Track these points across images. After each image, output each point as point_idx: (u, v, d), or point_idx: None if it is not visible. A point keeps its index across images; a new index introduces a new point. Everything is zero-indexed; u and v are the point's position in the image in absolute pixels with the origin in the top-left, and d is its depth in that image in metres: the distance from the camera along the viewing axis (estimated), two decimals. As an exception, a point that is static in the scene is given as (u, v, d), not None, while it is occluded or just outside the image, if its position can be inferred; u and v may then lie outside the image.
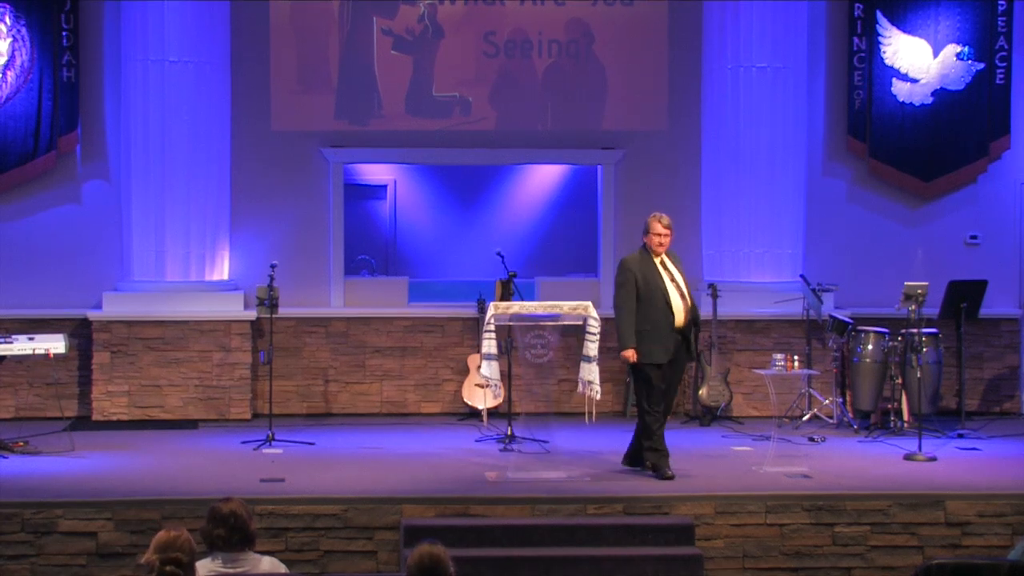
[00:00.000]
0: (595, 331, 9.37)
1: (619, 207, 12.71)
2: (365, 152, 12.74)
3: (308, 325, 12.20)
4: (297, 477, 9.26)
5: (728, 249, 12.34)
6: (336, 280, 12.52)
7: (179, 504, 8.44)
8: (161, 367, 11.73)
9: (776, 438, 10.21)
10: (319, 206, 12.52)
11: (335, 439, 10.95)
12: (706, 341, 11.86)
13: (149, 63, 11.82)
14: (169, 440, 10.90)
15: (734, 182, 12.27)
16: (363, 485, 9.00)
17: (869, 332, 11.46)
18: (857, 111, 12.62)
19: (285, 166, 12.47)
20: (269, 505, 8.44)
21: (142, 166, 11.86)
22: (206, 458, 10.11)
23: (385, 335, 12.26)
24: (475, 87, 12.66)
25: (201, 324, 11.76)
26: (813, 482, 9.13)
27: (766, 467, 9.54)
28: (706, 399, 11.75)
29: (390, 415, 12.20)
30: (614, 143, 12.72)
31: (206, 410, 11.77)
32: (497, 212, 14.72)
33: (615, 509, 8.57)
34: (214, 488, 8.66)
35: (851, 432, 11.18)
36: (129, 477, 9.29)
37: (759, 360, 11.79)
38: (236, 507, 5.68)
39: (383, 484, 9.04)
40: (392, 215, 14.77)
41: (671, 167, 12.71)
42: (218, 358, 11.78)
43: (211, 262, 12.02)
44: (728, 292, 11.96)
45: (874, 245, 12.75)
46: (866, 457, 10.15)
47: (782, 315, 12.05)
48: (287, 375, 12.10)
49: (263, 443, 10.50)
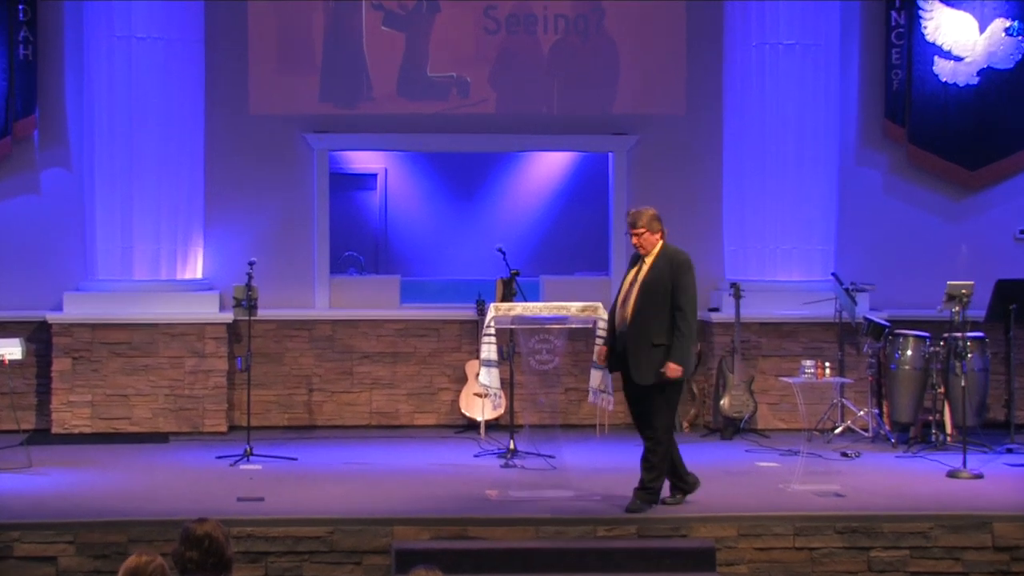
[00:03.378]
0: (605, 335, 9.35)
1: (632, 198, 12.68)
2: (353, 138, 12.74)
3: (290, 328, 12.20)
4: (278, 496, 9.25)
5: (752, 245, 12.34)
6: (321, 279, 12.52)
7: (148, 526, 8.42)
8: (128, 375, 11.73)
9: (805, 453, 10.20)
10: (302, 198, 12.52)
11: (320, 454, 10.95)
12: (728, 346, 11.86)
13: (114, 40, 11.82)
14: (137, 455, 10.89)
15: (759, 171, 12.27)
16: (350, 504, 9.00)
17: (908, 336, 11.45)
18: (895, 93, 12.61)
19: (265, 154, 12.46)
20: (247, 527, 8.44)
21: (107, 153, 11.86)
22: (178, 475, 10.10)
23: (375, 339, 12.26)
24: (474, 67, 12.66)
25: (172, 327, 11.76)
26: (846, 501, 9.13)
27: (794, 485, 9.53)
28: (728, 410, 11.75)
29: (380, 427, 12.20)
30: (626, 128, 12.71)
31: (178, 422, 11.77)
32: (498, 204, 14.72)
33: (628, 531, 8.56)
34: (186, 508, 8.62)
35: (888, 447, 11.18)
36: (93, 496, 9.28)
37: (786, 367, 11.78)
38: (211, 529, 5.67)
39: (372, 503, 9.03)
40: (383, 207, 14.77)
41: (689, 155, 12.71)
42: (191, 365, 11.78)
43: (183, 259, 12.03)
44: (752, 292, 11.95)
45: (914, 240, 12.74)
46: (905, 474, 10.14)
47: (812, 317, 12.05)
48: (267, 384, 12.10)
49: (240, 458, 10.50)
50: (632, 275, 8.89)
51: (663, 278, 8.75)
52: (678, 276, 8.76)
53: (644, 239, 8.85)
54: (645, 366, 8.70)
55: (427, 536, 8.48)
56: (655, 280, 8.75)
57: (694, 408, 12.29)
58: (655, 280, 8.75)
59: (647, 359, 8.68)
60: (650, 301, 8.72)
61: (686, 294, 8.74)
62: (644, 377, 8.70)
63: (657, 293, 8.73)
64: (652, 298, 8.73)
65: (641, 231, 8.84)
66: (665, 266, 8.78)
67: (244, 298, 10.76)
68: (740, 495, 9.35)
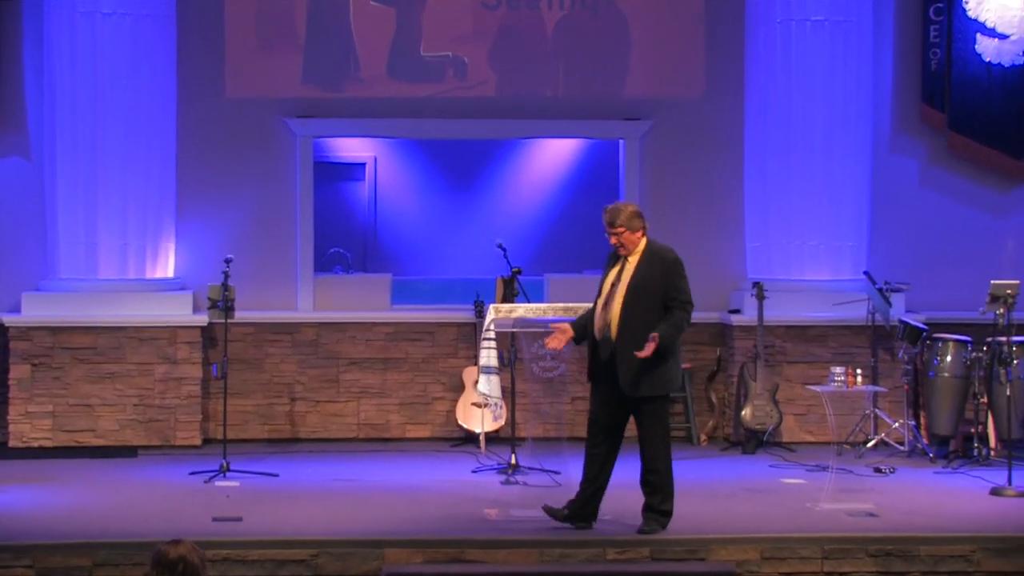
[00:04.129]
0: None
1: (645, 190, 12.70)
2: (339, 124, 12.75)
3: (270, 332, 12.21)
4: (257, 515, 9.24)
5: (777, 241, 12.34)
6: (304, 278, 12.53)
7: (115, 548, 8.41)
8: (92, 383, 11.73)
9: (835, 468, 10.19)
10: (284, 189, 12.52)
11: (303, 469, 10.96)
12: (750, 352, 11.87)
13: (77, 16, 11.82)
14: (102, 471, 10.90)
15: (784, 160, 12.27)
16: (337, 525, 9.00)
17: (948, 341, 11.45)
18: (933, 74, 12.61)
19: (242, 140, 12.47)
20: (224, 549, 8.44)
21: (69, 141, 11.86)
22: (147, 492, 10.10)
23: (363, 344, 12.26)
24: (472, 45, 12.66)
25: (141, 331, 11.77)
26: (880, 522, 9.12)
27: (823, 503, 9.53)
28: (750, 421, 11.75)
29: (369, 440, 12.20)
30: (639, 113, 12.71)
31: (147, 435, 11.77)
32: (498, 196, 14.72)
33: (641, 554, 8.56)
34: (157, 529, 8.64)
35: (926, 462, 11.18)
36: (54, 516, 9.27)
37: (814, 374, 11.79)
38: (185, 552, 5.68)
39: (361, 524, 9.03)
40: (372, 199, 14.77)
41: (707, 142, 12.71)
42: (162, 372, 11.79)
43: (153, 256, 12.03)
44: (777, 293, 11.95)
45: (953, 236, 12.75)
46: (944, 492, 10.15)
47: (842, 320, 12.05)
48: (245, 392, 12.10)
49: (216, 474, 10.50)
50: (613, 276, 8.78)
51: (653, 279, 8.66)
52: (671, 277, 8.69)
53: (625, 238, 8.74)
54: (637, 375, 8.63)
55: (420, 559, 8.46)
56: (644, 281, 8.67)
57: (713, 419, 12.29)
58: (644, 281, 8.67)
59: (640, 367, 8.60)
60: (640, 304, 8.63)
61: (684, 294, 8.70)
62: (636, 388, 8.64)
63: (647, 295, 8.65)
64: (642, 301, 8.64)
65: (620, 230, 8.72)
66: (654, 266, 8.70)
67: (220, 299, 10.76)
68: (763, 514, 9.34)
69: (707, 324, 12.40)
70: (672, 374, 8.77)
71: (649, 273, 8.68)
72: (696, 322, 12.23)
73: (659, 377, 8.67)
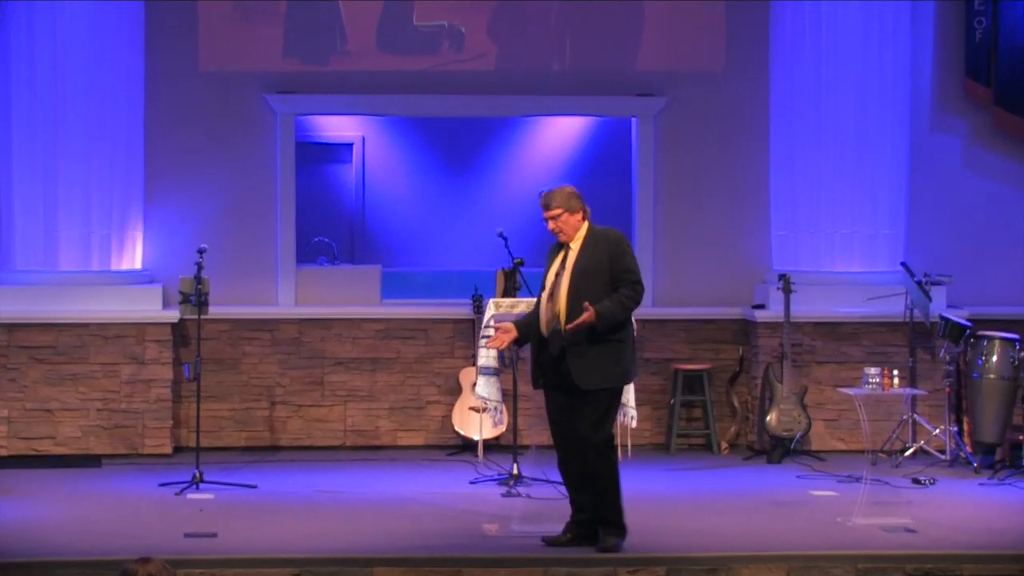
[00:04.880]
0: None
1: (660, 173, 12.70)
2: (323, 100, 12.76)
3: (248, 329, 12.21)
4: (234, 531, 9.24)
5: (805, 229, 12.34)
6: (286, 270, 12.54)
7: (77, 567, 8.38)
8: (52, 385, 11.73)
9: (869, 479, 10.20)
10: (263, 172, 12.52)
11: (284, 480, 10.97)
12: (776, 351, 11.86)
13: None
14: (64, 482, 10.90)
15: (813, 141, 12.27)
16: (321, 541, 9.00)
17: (994, 339, 11.45)
18: (978, 45, 12.61)
19: (218, 119, 12.47)
20: (197, 568, 8.43)
21: (26, 120, 11.87)
22: (113, 506, 10.10)
23: (350, 343, 12.26)
24: (469, 15, 12.67)
25: (106, 328, 11.77)
26: (919, 538, 9.12)
27: (856, 518, 9.53)
28: (776, 427, 11.75)
29: (357, 449, 12.21)
30: (653, 88, 12.71)
31: (112, 443, 11.77)
32: (499, 180, 14.72)
33: (655, 573, 8.55)
34: (124, 546, 8.63)
35: (970, 472, 11.18)
36: (9, 531, 9.24)
37: (846, 376, 11.79)
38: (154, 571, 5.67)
39: (348, 540, 9.02)
40: (360, 183, 14.77)
41: (729, 120, 12.71)
42: (128, 373, 11.79)
43: (119, 246, 12.03)
44: (805, 286, 11.96)
45: (1000, 223, 12.76)
46: (990, 505, 10.15)
47: (877, 316, 12.06)
48: (220, 396, 12.11)
49: (188, 486, 10.50)
50: (557, 265, 8.78)
51: (598, 261, 8.65)
52: (618, 256, 8.67)
53: (563, 222, 8.71)
54: (588, 366, 8.60)
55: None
56: (589, 264, 8.66)
57: (735, 425, 12.29)
58: (589, 264, 8.66)
59: (590, 361, 8.59)
60: (587, 290, 8.60)
61: (633, 273, 8.65)
62: (588, 380, 8.59)
63: (595, 278, 8.63)
64: (590, 284, 8.62)
65: (558, 212, 8.70)
66: (598, 247, 8.68)
67: (192, 293, 10.76)
68: (791, 530, 9.34)
69: (729, 321, 12.41)
70: (627, 365, 8.76)
71: (594, 255, 8.69)
72: (717, 319, 12.39)
73: (613, 368, 8.67)
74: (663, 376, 12.32)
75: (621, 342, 8.68)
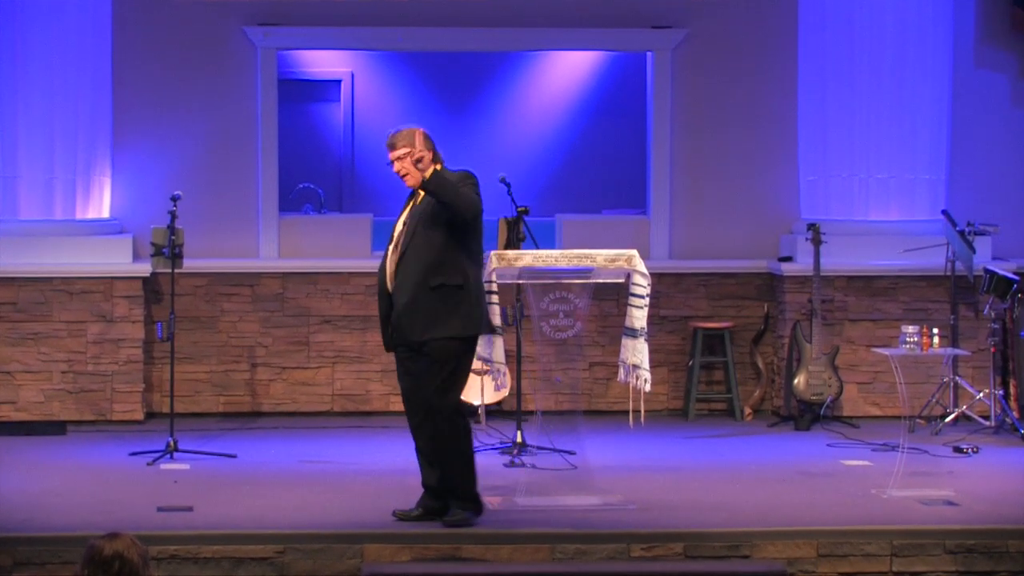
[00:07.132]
0: (643, 293, 9.34)
1: (678, 113, 12.67)
2: (309, 33, 12.72)
3: (227, 284, 12.21)
4: (211, 504, 9.26)
5: (836, 174, 12.33)
6: (267, 219, 12.53)
7: (40, 544, 8.42)
8: (12, 346, 11.74)
9: (907, 448, 10.21)
10: (242, 112, 12.51)
11: (266, 449, 10.99)
12: (805, 308, 11.85)
13: (-9, -97, 11.79)
14: (25, 451, 10.92)
15: (846, 77, 12.26)
16: (307, 516, 9.01)
17: (1043, 294, 11.46)
18: (1027, -29, 12.58)
19: (192, 53, 12.45)
20: (171, 545, 8.45)
21: (-17, 54, 11.86)
22: (79, 477, 10.12)
23: (338, 299, 12.26)
24: (468, -62, 12.64)
25: (71, 283, 11.77)
26: (961, 512, 9.13)
27: (892, 490, 9.54)
28: (804, 391, 11.75)
29: (346, 414, 12.23)
30: (670, 20, 12.68)
31: (78, 408, 11.79)
32: (500, 121, 14.71)
33: (672, 550, 8.57)
34: (91, 521, 8.65)
35: (1016, 439, 11.22)
36: (-33, 504, 9.29)
37: (882, 335, 11.82)
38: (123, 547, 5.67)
39: (336, 514, 9.05)
40: (348, 125, 14.76)
41: (754, 55, 12.69)
42: (95, 332, 11.79)
43: (84, 193, 12.02)
44: (837, 236, 11.94)
45: (1051, 168, 12.76)
46: (1038, 476, 10.19)
47: (915, 269, 12.07)
48: (196, 357, 12.12)
49: (162, 455, 10.53)
50: (405, 216, 8.80)
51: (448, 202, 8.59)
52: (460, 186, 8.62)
53: (409, 165, 8.67)
54: (420, 317, 8.55)
55: (407, 557, 8.48)
56: (428, 208, 8.64)
57: (760, 389, 12.30)
58: (428, 208, 8.64)
59: (423, 308, 8.53)
60: (423, 233, 8.60)
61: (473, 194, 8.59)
62: (419, 331, 8.54)
63: (432, 220, 8.60)
64: (426, 227, 8.60)
65: (404, 151, 8.68)
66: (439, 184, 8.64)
67: (165, 244, 10.75)
68: (820, 503, 9.35)
69: (752, 275, 12.40)
70: (471, 314, 8.64)
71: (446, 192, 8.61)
72: (739, 272, 12.39)
73: (448, 318, 8.58)
74: (681, 335, 12.31)
75: (460, 287, 8.59)
